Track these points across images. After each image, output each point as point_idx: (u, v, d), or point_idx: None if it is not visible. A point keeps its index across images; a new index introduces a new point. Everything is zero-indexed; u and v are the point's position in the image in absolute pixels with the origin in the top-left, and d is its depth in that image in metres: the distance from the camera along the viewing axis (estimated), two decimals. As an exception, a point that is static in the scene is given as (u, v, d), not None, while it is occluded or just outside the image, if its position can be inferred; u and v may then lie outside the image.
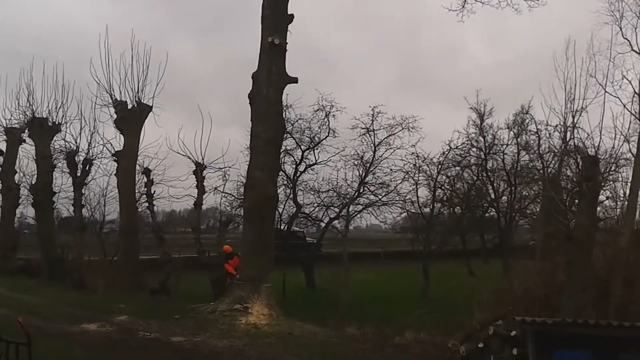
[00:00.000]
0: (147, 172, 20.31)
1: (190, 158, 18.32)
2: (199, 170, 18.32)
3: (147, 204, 20.45)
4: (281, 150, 23.49)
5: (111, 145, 21.37)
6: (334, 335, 13.02)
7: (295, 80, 14.96)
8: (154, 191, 20.29)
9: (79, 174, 22.50)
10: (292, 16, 14.85)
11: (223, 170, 19.85)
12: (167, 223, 30.65)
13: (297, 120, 23.79)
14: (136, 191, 20.81)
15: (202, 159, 18.41)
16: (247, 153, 23.26)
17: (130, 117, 20.41)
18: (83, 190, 22.63)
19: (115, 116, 20.63)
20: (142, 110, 20.44)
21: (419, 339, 13.80)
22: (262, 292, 14.46)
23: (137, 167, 20.62)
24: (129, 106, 20.43)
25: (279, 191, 23.83)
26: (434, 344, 13.41)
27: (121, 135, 20.72)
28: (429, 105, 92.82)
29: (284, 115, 20.98)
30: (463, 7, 17.25)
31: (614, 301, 12.78)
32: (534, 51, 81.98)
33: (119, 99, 20.36)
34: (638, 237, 14.98)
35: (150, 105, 20.36)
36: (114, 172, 21.12)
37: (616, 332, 9.67)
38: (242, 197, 23.88)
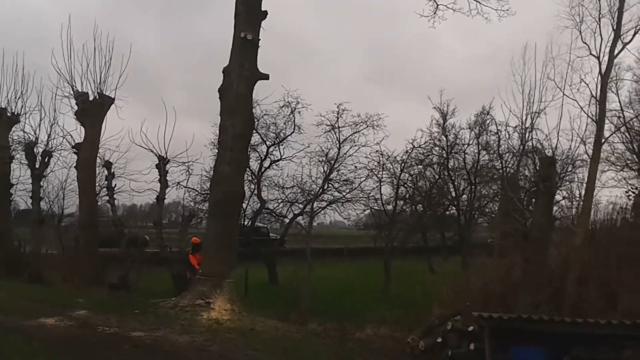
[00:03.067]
0: (108, 165, 19.95)
1: (152, 151, 18.11)
2: (162, 164, 18.10)
3: (107, 198, 20.10)
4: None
5: (71, 137, 20.90)
6: (295, 330, 13.07)
7: (266, 77, 14.94)
8: (115, 185, 19.96)
9: (37, 166, 21.90)
10: (265, 13, 14.83)
11: (186, 164, 19.71)
12: (127, 217, 30.13)
13: (262, 116, 23.79)
14: (96, 184, 20.41)
15: (166, 153, 18.21)
16: (212, 147, 23.37)
17: (92, 109, 19.95)
18: (42, 183, 22.04)
19: (76, 107, 20.15)
20: (104, 102, 20.01)
21: (379, 334, 14.01)
22: (224, 287, 14.41)
23: (98, 160, 20.21)
24: (91, 97, 19.97)
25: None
26: (394, 338, 13.66)
27: (82, 127, 20.25)
28: (400, 98, 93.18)
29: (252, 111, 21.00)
30: (435, 13, 17.60)
31: (568, 298, 13.24)
32: (507, 46, 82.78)
33: (80, 90, 19.89)
34: (592, 236, 15.55)
35: (113, 97, 20.00)
36: (74, 164, 20.63)
37: (570, 328, 10.05)
38: (206, 192, 23.90)
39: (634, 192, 25.04)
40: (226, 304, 14.09)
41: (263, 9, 14.83)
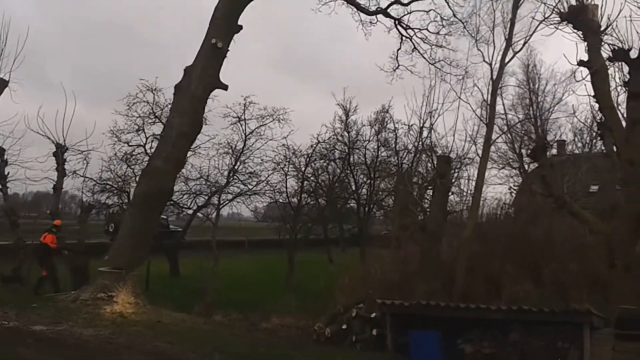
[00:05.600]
0: (0, 151, 18.60)
1: (50, 138, 17.15)
2: (60, 152, 17.21)
3: None
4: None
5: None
6: (203, 322, 13.13)
7: (225, 87, 14.91)
8: (8, 172, 18.64)
9: None
10: (240, 27, 14.87)
11: (84, 153, 18.86)
12: (22, 206, 28.20)
13: (166, 105, 23.23)
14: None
15: (64, 140, 17.32)
16: (110, 136, 22.55)
17: (-17, 92, 18.47)
18: None
19: (-35, 90, 18.54)
20: (-3, 85, 18.61)
21: (284, 324, 14.44)
22: (127, 280, 14.14)
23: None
24: (-18, 79, 18.48)
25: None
26: (298, 327, 14.15)
27: (-28, 112, 18.73)
28: (309, 90, 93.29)
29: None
30: (394, 70, 18.65)
31: (458, 286, 14.38)
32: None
33: (-30, 72, 18.31)
34: (479, 230, 16.95)
35: (7, 79, 18.61)
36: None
37: (463, 313, 11.01)
38: (104, 182, 23.06)
39: (515, 189, 27.42)
40: (129, 297, 13.81)
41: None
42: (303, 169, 24.75)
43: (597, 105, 11.88)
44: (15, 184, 19.41)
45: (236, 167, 23.18)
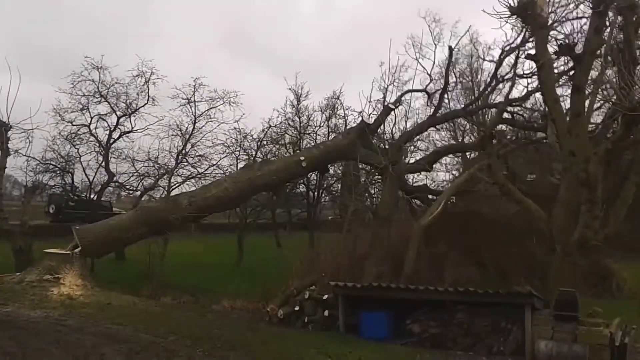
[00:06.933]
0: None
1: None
2: (4, 130, 16.47)
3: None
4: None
5: None
6: (154, 304, 13.06)
7: None
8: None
9: None
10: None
11: (27, 132, 18.12)
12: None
13: (112, 84, 22.58)
14: None
15: (8, 118, 16.57)
16: (54, 114, 21.73)
17: None
18: None
19: None
20: None
21: (234, 306, 14.52)
22: (74, 262, 13.88)
23: None
24: None
25: (89, 158, 22.62)
26: (249, 309, 14.27)
27: None
28: (256, 73, 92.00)
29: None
30: None
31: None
32: (367, 23, 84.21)
33: None
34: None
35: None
36: None
37: (412, 295, 11.39)
38: (48, 162, 22.30)
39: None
40: (77, 279, 13.62)
41: None
42: (254, 153, 24.63)
43: (541, 98, 12.42)
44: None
45: (186, 150, 22.84)
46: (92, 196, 24.61)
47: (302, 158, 16.04)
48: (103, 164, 22.94)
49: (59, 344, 8.15)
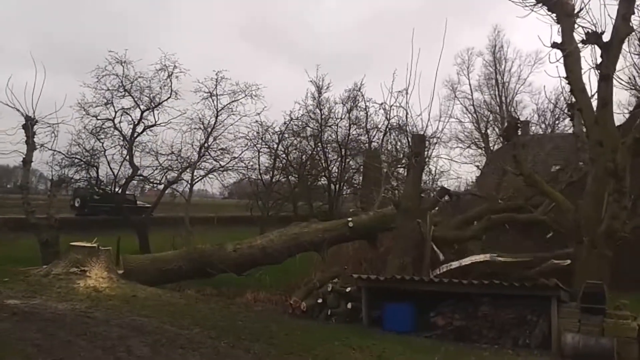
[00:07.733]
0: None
1: (19, 110, 16.65)
2: (30, 124, 16.73)
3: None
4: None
5: None
6: (179, 296, 13.17)
7: None
8: (-24, 145, 18.05)
9: None
10: None
11: (52, 126, 18.41)
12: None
13: (136, 79, 22.81)
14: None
15: (33, 112, 16.82)
16: (79, 109, 22.04)
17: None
18: None
19: None
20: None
21: (258, 298, 14.62)
22: (100, 255, 14.06)
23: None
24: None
25: (113, 151, 22.93)
26: (272, 301, 14.35)
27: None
28: (277, 65, 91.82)
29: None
30: None
31: (426, 261, 14.69)
32: (388, 13, 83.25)
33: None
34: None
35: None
36: None
37: (435, 287, 11.33)
38: (73, 155, 22.65)
39: (479, 169, 28.02)
40: (103, 272, 13.78)
41: None
42: (275, 146, 24.73)
43: (568, 87, 12.15)
44: (-18, 158, 18.94)
45: (208, 143, 23.02)
46: (116, 190, 24.91)
47: (349, 219, 16.73)
48: (127, 157, 23.25)
49: (86, 336, 8.26)
